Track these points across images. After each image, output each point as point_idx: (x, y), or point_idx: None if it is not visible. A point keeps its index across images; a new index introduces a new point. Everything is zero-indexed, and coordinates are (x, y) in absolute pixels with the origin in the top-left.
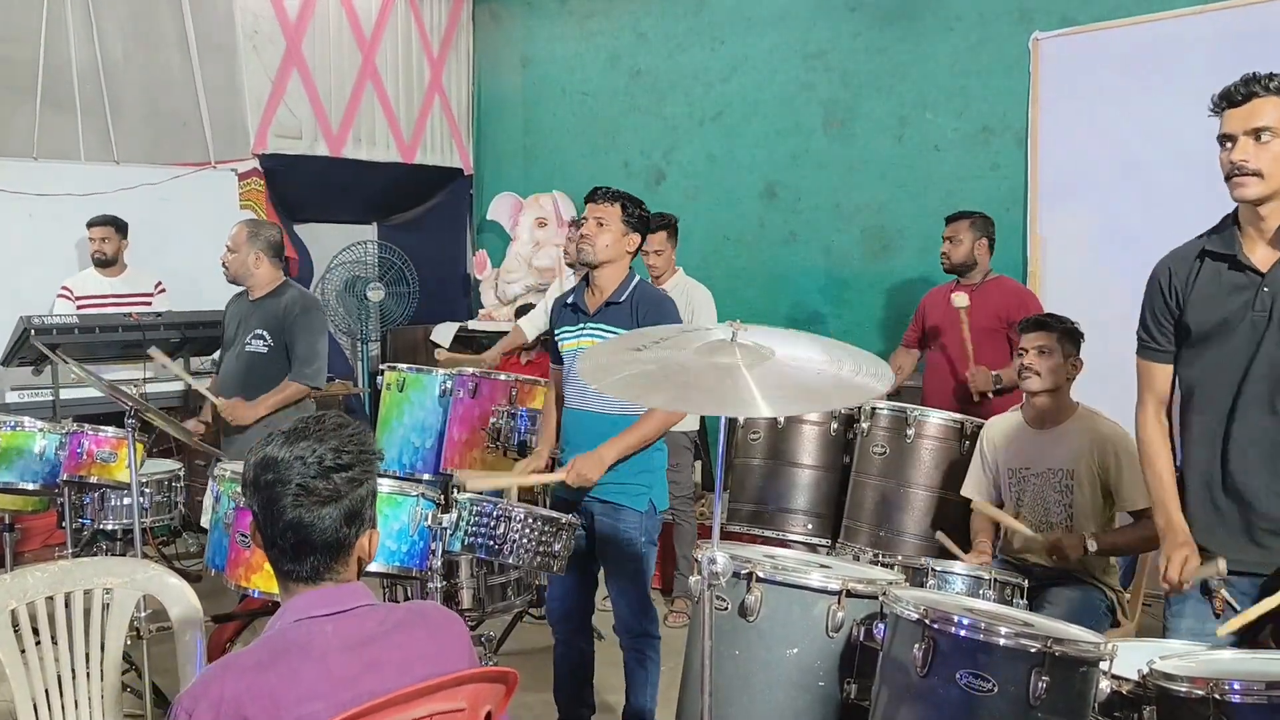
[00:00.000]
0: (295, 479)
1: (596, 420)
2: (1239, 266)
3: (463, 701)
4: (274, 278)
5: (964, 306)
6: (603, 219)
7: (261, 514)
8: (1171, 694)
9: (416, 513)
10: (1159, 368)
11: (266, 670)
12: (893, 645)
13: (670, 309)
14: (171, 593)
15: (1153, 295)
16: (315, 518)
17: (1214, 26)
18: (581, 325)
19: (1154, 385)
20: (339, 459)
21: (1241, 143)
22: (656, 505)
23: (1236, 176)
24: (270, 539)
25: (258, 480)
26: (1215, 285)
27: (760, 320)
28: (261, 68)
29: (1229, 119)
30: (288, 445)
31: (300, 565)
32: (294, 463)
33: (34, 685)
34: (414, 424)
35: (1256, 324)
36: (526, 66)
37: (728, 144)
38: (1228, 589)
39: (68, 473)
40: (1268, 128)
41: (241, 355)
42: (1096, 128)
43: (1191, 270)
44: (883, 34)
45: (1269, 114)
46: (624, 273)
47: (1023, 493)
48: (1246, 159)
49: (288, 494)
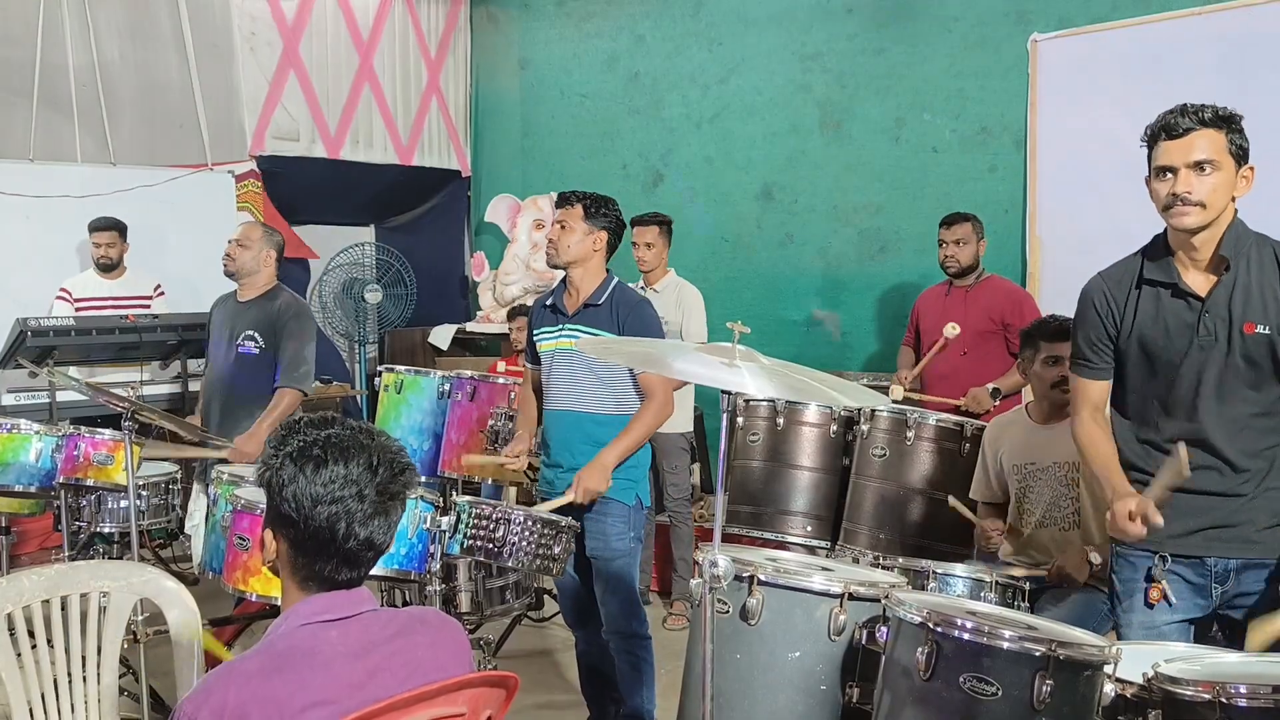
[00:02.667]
0: (370, 493)
1: (580, 419)
2: (1180, 294)
3: (463, 706)
4: (270, 281)
5: (953, 336)
6: (564, 221)
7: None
8: (1177, 697)
9: (415, 515)
10: (1095, 384)
11: (271, 677)
12: (895, 649)
13: (649, 312)
14: (168, 596)
15: (1087, 316)
16: (389, 524)
17: (1213, 28)
18: (560, 326)
19: (1090, 398)
20: (399, 459)
21: (1184, 175)
22: (643, 500)
23: (1178, 207)
24: (328, 550)
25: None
26: (1156, 313)
27: (758, 320)
28: (258, 69)
29: (1168, 151)
30: (340, 460)
31: (357, 571)
32: (361, 476)
33: (30, 689)
34: (412, 426)
35: (1204, 347)
36: (524, 68)
37: (725, 145)
38: (1172, 579)
39: (64, 475)
40: (1209, 160)
41: (232, 356)
42: (1095, 129)
43: (1129, 297)
44: (880, 35)
45: (1207, 146)
46: (600, 274)
47: (1028, 489)
48: (1190, 190)
49: (360, 509)
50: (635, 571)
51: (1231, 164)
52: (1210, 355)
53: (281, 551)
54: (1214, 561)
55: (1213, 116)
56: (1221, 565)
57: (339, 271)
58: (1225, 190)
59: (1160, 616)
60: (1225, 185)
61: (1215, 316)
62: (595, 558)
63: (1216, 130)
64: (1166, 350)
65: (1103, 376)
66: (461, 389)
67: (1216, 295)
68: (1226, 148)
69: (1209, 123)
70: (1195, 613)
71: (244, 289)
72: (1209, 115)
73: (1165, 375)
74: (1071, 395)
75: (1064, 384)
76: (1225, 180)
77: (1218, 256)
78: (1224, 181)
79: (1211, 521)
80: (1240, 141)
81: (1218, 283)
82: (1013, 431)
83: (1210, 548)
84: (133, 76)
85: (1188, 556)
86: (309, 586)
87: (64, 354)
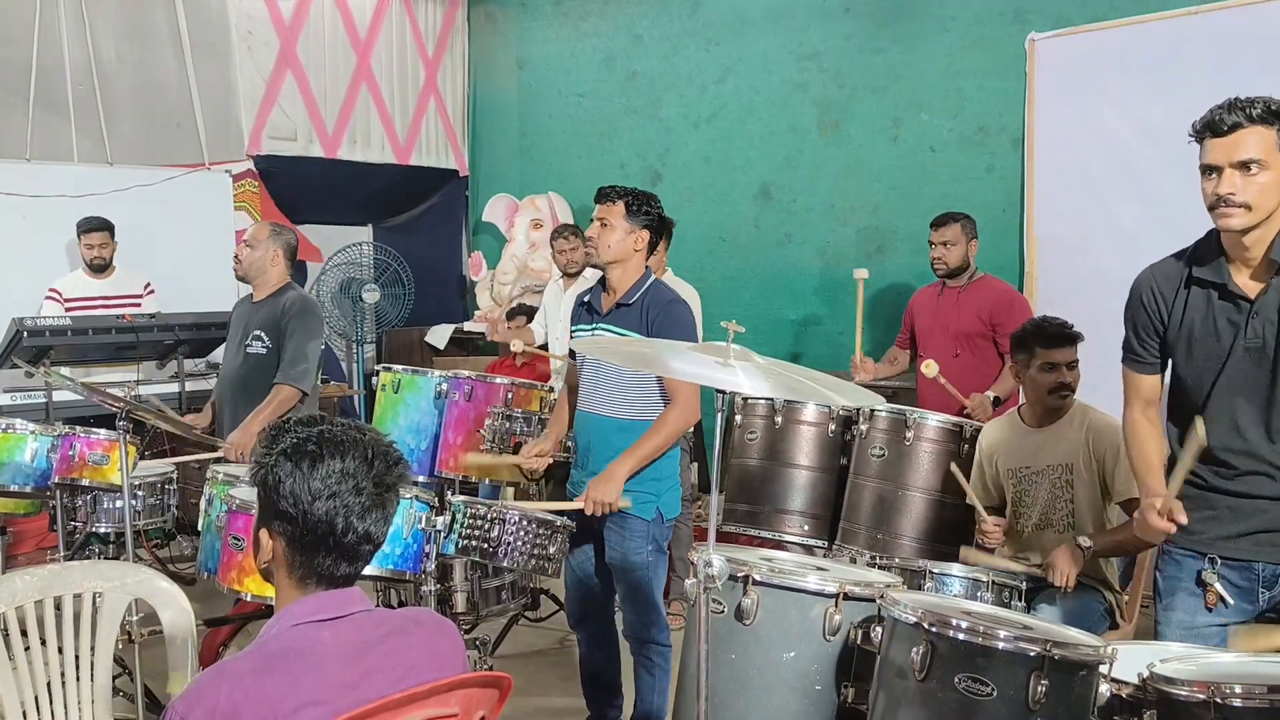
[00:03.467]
0: (367, 485)
1: (603, 424)
2: (1229, 296)
3: (456, 706)
4: (281, 280)
5: (931, 376)
6: (605, 219)
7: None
8: (1172, 697)
9: (410, 515)
10: (1145, 378)
11: (263, 678)
12: (890, 649)
13: (680, 312)
14: (163, 596)
15: (1136, 310)
16: (385, 516)
17: (1210, 27)
18: (594, 325)
19: (1141, 392)
20: (392, 452)
21: (1228, 175)
22: (665, 514)
23: (1223, 208)
24: (327, 545)
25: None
26: (1205, 312)
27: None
28: (255, 69)
29: (1213, 149)
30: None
31: (355, 566)
32: (357, 470)
33: (24, 689)
34: (409, 426)
35: (1250, 350)
36: (522, 68)
37: (723, 145)
38: (1221, 582)
39: (60, 475)
40: (1255, 160)
41: (241, 356)
42: (1093, 128)
43: (1179, 296)
44: (877, 35)
45: (1255, 145)
46: (638, 272)
47: (1024, 492)
48: (1234, 192)
49: (358, 503)
50: (656, 581)
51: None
52: (1259, 362)
53: (278, 550)
54: (1262, 566)
55: (1263, 112)
56: (1271, 570)
57: (336, 271)
58: (1275, 190)
59: (1201, 618)
60: (1275, 185)
61: (1264, 319)
62: (614, 566)
63: (1266, 127)
64: (1213, 352)
65: (1152, 371)
66: (459, 389)
67: (1267, 298)
68: (1277, 145)
69: (1258, 119)
70: (1239, 617)
71: (256, 289)
72: (1258, 111)
73: (1210, 377)
74: (1124, 388)
75: (1062, 390)
76: (1275, 180)
77: (1268, 259)
78: (1274, 181)
79: (1261, 525)
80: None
81: (1268, 285)
82: (1006, 435)
83: (1260, 552)
84: (129, 76)
85: (1236, 559)
86: (307, 584)
87: (60, 354)
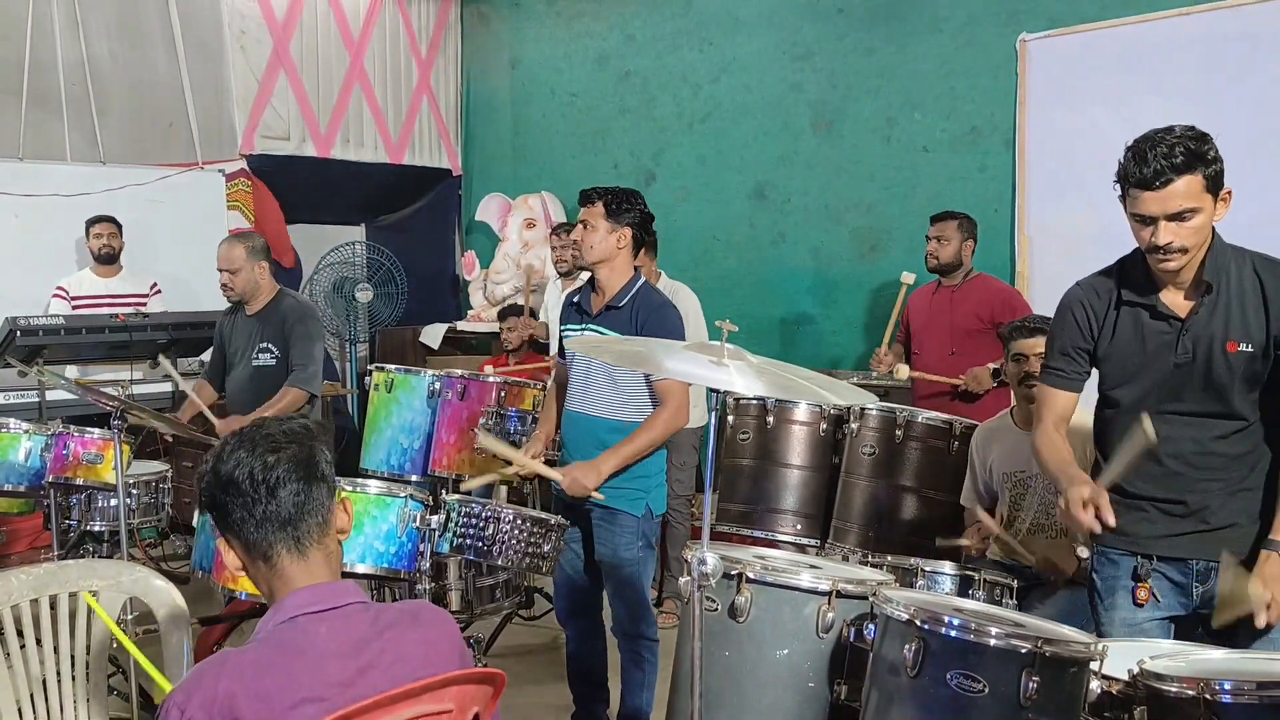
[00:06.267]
0: (269, 454)
1: (592, 423)
2: (1159, 315)
3: (450, 703)
4: (273, 286)
5: (902, 378)
6: (587, 220)
7: (230, 487)
8: (1162, 694)
9: (405, 514)
10: (1063, 395)
11: (261, 671)
12: (883, 646)
13: (670, 316)
14: (157, 595)
15: (1066, 327)
16: (295, 466)
17: (1201, 27)
18: (583, 325)
19: (1055, 409)
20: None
21: (1164, 227)
22: (654, 509)
23: (1161, 255)
24: (252, 509)
25: (226, 475)
26: (1136, 331)
27: (750, 319)
28: (249, 68)
29: (1146, 201)
30: (245, 446)
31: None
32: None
33: (18, 688)
34: (402, 425)
35: (1180, 367)
36: (515, 67)
37: (717, 145)
38: (1156, 579)
39: (54, 474)
40: (1189, 209)
41: (250, 370)
42: (1084, 128)
43: (1108, 315)
44: (870, 35)
45: (1185, 194)
46: (626, 272)
47: (1020, 496)
48: (1172, 240)
49: (264, 460)
50: (645, 577)
51: (1210, 200)
52: (1189, 374)
53: (236, 549)
54: (1196, 562)
55: (1184, 159)
56: (1203, 565)
57: (329, 270)
58: (1207, 227)
59: (1142, 614)
60: (1207, 223)
61: (1194, 336)
62: (604, 563)
63: (1192, 174)
64: (1145, 369)
65: (1071, 388)
66: (452, 388)
67: (1198, 317)
68: (1204, 187)
69: (1182, 168)
70: (1177, 610)
71: (251, 303)
72: (1180, 160)
73: (1140, 393)
74: (1036, 404)
75: (1028, 380)
76: (1206, 219)
77: (1199, 280)
78: (1205, 221)
79: (1194, 526)
80: (1215, 169)
81: (1199, 304)
82: (1001, 438)
83: (1197, 549)
84: (122, 75)
85: (1173, 558)
86: (271, 560)
87: (54, 353)
